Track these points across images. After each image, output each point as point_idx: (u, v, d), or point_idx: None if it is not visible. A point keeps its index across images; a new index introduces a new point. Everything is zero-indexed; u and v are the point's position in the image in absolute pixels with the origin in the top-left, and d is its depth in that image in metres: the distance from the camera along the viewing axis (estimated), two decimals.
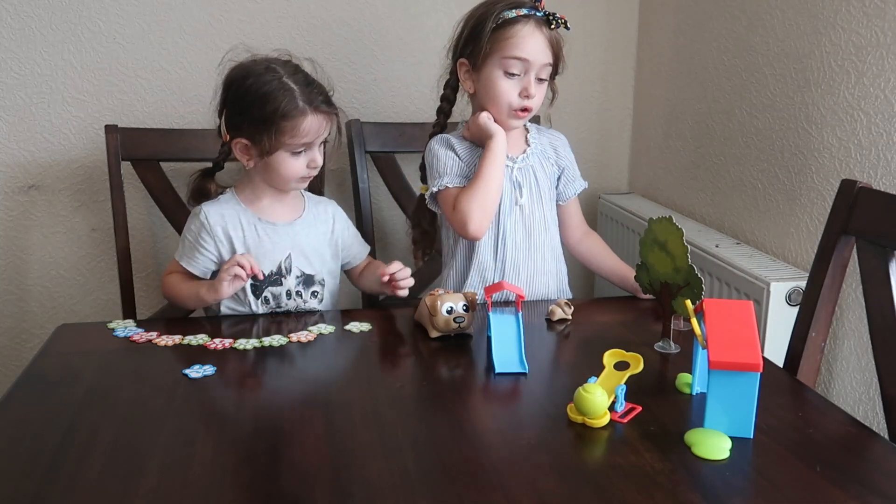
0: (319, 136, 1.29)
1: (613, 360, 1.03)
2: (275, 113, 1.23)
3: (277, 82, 1.24)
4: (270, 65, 1.27)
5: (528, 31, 1.30)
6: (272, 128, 1.24)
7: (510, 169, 1.39)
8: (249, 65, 1.28)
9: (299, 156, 1.28)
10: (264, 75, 1.25)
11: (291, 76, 1.26)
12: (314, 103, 1.25)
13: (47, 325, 1.78)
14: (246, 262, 1.22)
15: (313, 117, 1.25)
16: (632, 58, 2.07)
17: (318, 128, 1.27)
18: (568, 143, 1.49)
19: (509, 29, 1.30)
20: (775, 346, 1.32)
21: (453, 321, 1.14)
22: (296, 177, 1.30)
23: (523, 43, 1.30)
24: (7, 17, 1.65)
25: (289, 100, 1.23)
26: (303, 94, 1.25)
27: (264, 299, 1.33)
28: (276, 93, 1.23)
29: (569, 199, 1.47)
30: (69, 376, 1.03)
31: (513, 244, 1.39)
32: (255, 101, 1.24)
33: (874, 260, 1.08)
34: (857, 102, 1.34)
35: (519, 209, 1.39)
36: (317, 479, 0.78)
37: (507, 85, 1.32)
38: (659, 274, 1.09)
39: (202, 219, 1.31)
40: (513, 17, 1.30)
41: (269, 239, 1.32)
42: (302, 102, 1.24)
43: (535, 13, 1.30)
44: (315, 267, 1.36)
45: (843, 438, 0.90)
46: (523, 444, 0.85)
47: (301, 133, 1.25)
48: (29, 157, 1.73)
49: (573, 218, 1.50)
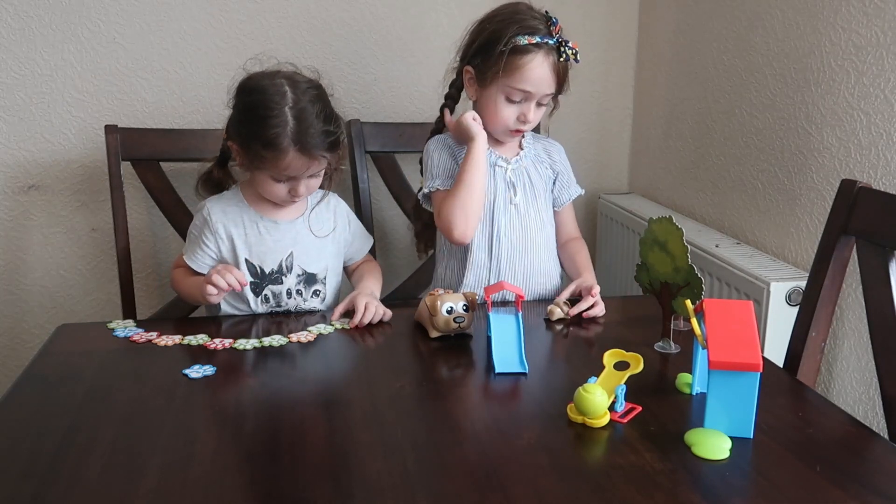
0: (305, 172, 1.25)
1: (613, 360, 1.03)
2: (260, 140, 1.20)
3: (278, 110, 1.20)
4: (285, 87, 1.22)
5: (536, 63, 1.29)
6: (255, 152, 1.22)
7: (504, 170, 1.40)
8: (266, 80, 1.23)
9: (281, 183, 1.26)
10: (272, 97, 1.21)
11: (296, 107, 1.21)
12: (304, 144, 1.20)
13: (47, 325, 1.79)
14: (222, 283, 1.21)
15: (297, 156, 1.21)
16: (632, 58, 2.07)
17: (301, 166, 1.23)
18: (563, 151, 1.50)
19: (519, 58, 1.29)
20: (775, 346, 1.32)
21: (453, 321, 1.14)
22: (276, 199, 1.30)
23: (530, 75, 1.29)
24: (7, 17, 1.65)
25: (278, 133, 1.19)
26: (295, 132, 1.20)
27: (264, 297, 1.33)
28: (270, 120, 1.19)
29: (563, 206, 1.48)
30: (69, 376, 1.03)
31: (508, 242, 1.40)
32: (251, 118, 1.22)
33: (874, 260, 1.08)
34: (857, 102, 1.34)
35: (514, 208, 1.40)
36: (317, 479, 0.78)
37: (508, 110, 1.33)
38: (659, 274, 1.09)
39: (205, 215, 1.32)
40: (524, 46, 1.28)
41: (270, 237, 1.32)
42: (288, 140, 1.19)
43: (548, 41, 1.29)
44: (318, 265, 1.36)
45: (843, 438, 0.90)
46: (523, 444, 0.85)
47: (280, 167, 1.22)
48: (29, 157, 1.73)
49: (565, 225, 1.50)
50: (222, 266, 1.25)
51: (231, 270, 1.23)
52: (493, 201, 1.39)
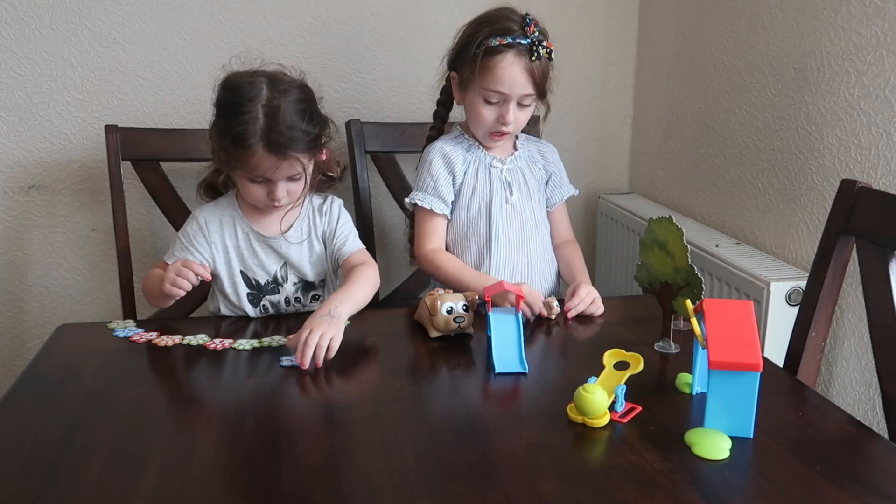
0: (279, 174, 1.20)
1: (613, 360, 1.03)
2: (228, 135, 1.17)
3: (249, 106, 1.15)
4: (262, 85, 1.18)
5: (507, 63, 1.30)
6: (225, 149, 1.19)
7: (499, 170, 1.42)
8: (245, 78, 1.20)
9: (258, 184, 1.22)
10: (245, 94, 1.17)
11: (269, 105, 1.16)
12: (273, 143, 1.15)
13: (47, 325, 1.78)
14: (185, 284, 1.16)
15: (265, 155, 1.16)
16: (632, 58, 2.07)
17: (270, 166, 1.18)
18: (556, 153, 1.53)
19: (490, 59, 1.30)
20: (775, 346, 1.32)
21: (453, 321, 1.14)
22: (258, 202, 1.25)
23: (502, 76, 1.30)
24: (7, 17, 1.65)
25: (246, 129, 1.15)
26: (265, 129, 1.15)
27: (262, 308, 1.32)
28: (240, 116, 1.15)
29: (556, 206, 1.50)
30: (69, 376, 1.03)
31: (506, 240, 1.41)
32: (222, 115, 1.19)
33: (874, 260, 1.08)
34: (857, 102, 1.34)
35: (510, 207, 1.42)
36: (317, 479, 0.78)
37: (486, 111, 1.35)
38: (659, 274, 1.09)
39: (200, 222, 1.30)
40: (495, 47, 1.30)
41: (261, 251, 1.31)
42: (256, 137, 1.15)
43: (521, 41, 1.30)
44: (313, 272, 1.34)
45: (843, 438, 0.90)
46: (523, 444, 0.85)
47: (249, 165, 1.18)
48: (29, 157, 1.73)
49: (558, 225, 1.52)
50: (181, 264, 1.18)
51: (191, 266, 1.18)
52: (489, 201, 1.41)
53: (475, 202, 1.42)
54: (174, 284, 1.17)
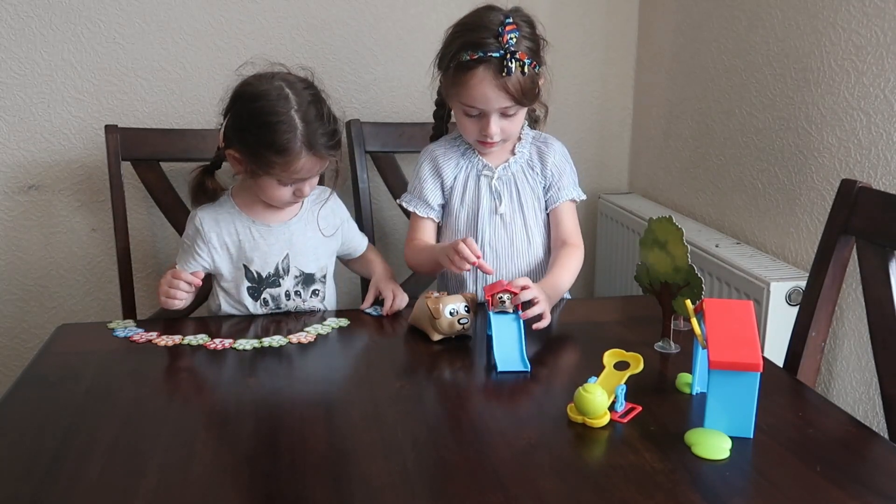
0: (312, 173, 1.26)
1: (613, 359, 1.03)
2: (271, 146, 1.19)
3: (285, 115, 1.19)
4: (286, 90, 1.21)
5: (476, 81, 1.24)
6: (265, 158, 1.21)
7: (489, 179, 1.39)
8: (265, 85, 1.22)
9: (287, 186, 1.26)
10: (276, 102, 1.20)
11: (302, 110, 1.21)
12: (314, 146, 1.21)
13: (47, 325, 1.78)
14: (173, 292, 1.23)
15: (309, 158, 1.22)
16: (632, 58, 2.07)
17: (311, 167, 1.24)
18: (563, 153, 1.43)
19: (462, 75, 1.26)
20: (775, 346, 1.32)
21: (458, 322, 1.14)
22: (280, 202, 1.30)
23: (474, 92, 1.26)
24: (7, 17, 1.65)
25: (289, 138, 1.19)
26: (305, 134, 1.20)
27: (263, 301, 1.32)
28: (280, 126, 1.19)
29: (555, 206, 1.41)
30: (69, 376, 1.03)
31: (492, 252, 1.39)
32: (257, 126, 1.20)
33: (874, 260, 1.08)
34: (857, 102, 1.34)
35: (500, 217, 1.39)
36: (317, 479, 0.78)
37: (468, 123, 1.32)
38: (659, 274, 1.09)
39: (197, 225, 1.31)
40: (465, 62, 1.24)
41: (264, 241, 1.31)
42: (300, 143, 1.20)
43: (492, 55, 1.23)
44: (315, 265, 1.35)
45: (843, 438, 0.90)
46: (523, 444, 0.85)
47: (292, 171, 1.22)
48: (29, 157, 1.73)
49: (555, 228, 1.41)
50: (171, 275, 1.24)
51: (180, 276, 1.23)
52: (477, 210, 1.38)
53: (464, 209, 1.39)
54: (168, 297, 1.24)
